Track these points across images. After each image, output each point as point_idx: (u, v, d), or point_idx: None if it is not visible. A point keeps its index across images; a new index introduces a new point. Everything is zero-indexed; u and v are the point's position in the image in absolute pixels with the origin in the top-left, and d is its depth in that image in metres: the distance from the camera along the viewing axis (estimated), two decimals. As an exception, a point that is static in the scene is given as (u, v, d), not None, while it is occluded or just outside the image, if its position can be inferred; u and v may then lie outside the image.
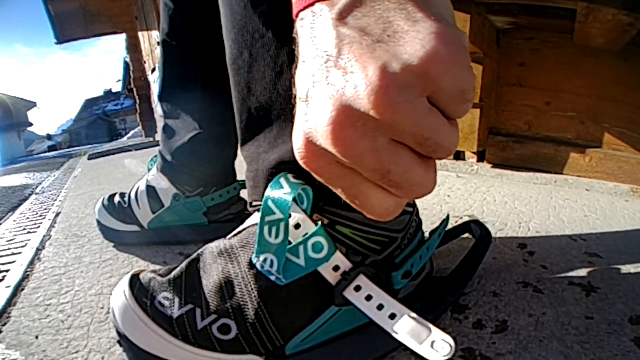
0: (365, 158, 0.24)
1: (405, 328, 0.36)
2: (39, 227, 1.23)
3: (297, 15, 0.27)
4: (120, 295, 0.44)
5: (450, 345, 0.35)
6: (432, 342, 0.35)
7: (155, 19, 3.51)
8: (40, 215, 1.40)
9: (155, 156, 0.95)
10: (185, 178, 0.89)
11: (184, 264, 0.47)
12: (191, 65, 0.85)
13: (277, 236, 0.39)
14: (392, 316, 0.37)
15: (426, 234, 0.53)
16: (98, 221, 0.92)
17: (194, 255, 0.48)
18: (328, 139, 0.24)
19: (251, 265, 0.43)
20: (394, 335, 0.36)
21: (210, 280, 0.44)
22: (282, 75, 0.44)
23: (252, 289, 0.42)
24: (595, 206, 0.87)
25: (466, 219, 0.86)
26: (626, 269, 0.58)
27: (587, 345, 0.43)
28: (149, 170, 0.94)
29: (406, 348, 0.42)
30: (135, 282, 0.45)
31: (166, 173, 0.89)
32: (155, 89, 3.28)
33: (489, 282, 0.59)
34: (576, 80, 1.04)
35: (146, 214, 0.88)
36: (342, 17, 0.24)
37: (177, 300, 0.43)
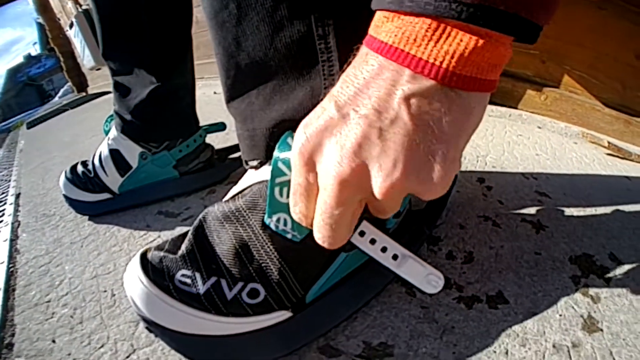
0: (296, 173, 0.35)
1: (407, 267, 0.44)
2: (3, 215, 1.16)
3: (372, 44, 0.31)
4: (136, 283, 0.44)
5: (441, 279, 0.44)
6: (428, 278, 0.44)
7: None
8: (0, 202, 1.30)
9: (110, 117, 0.92)
10: (150, 135, 0.88)
11: (190, 235, 0.47)
12: (133, 15, 0.80)
13: (288, 195, 0.40)
14: (395, 257, 0.44)
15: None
16: (66, 196, 0.90)
17: (196, 224, 0.48)
18: (299, 140, 0.34)
19: (264, 226, 0.45)
20: (398, 273, 0.44)
21: (224, 247, 0.46)
22: (281, 31, 0.43)
23: (270, 249, 0.44)
24: (547, 145, 0.98)
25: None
26: (570, 211, 0.70)
27: (536, 278, 0.54)
28: (106, 132, 0.92)
29: (398, 281, 0.51)
30: (146, 264, 0.45)
31: (128, 133, 0.87)
32: (77, 43, 3.09)
33: (455, 215, 0.69)
34: (545, 19, 1.11)
35: (115, 179, 0.88)
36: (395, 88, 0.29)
37: (198, 275, 0.44)
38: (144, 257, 0.46)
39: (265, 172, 0.47)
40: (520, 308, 0.49)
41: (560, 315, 0.48)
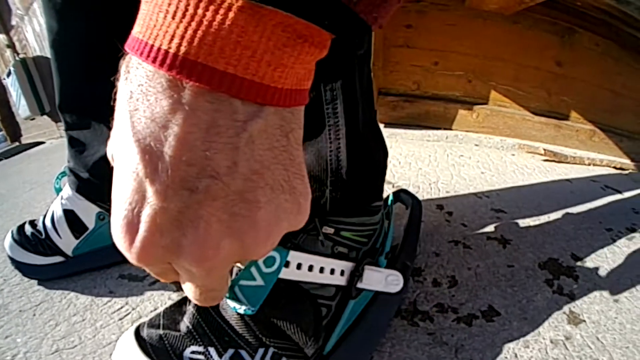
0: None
1: (365, 279, 0.54)
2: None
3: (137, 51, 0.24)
4: None
5: (399, 276, 0.58)
6: (388, 279, 0.57)
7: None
8: None
9: (62, 173, 0.93)
10: (109, 193, 0.83)
11: (191, 308, 0.49)
12: (97, 66, 0.77)
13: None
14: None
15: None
16: (12, 259, 0.86)
17: None
18: None
19: None
20: (362, 287, 0.54)
21: (232, 315, 0.47)
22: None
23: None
24: (488, 162, 1.14)
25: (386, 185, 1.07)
26: (526, 222, 0.83)
27: (516, 288, 0.66)
28: (57, 191, 0.92)
29: (397, 315, 0.61)
30: (144, 345, 0.45)
31: (84, 192, 0.86)
32: (13, 92, 3.18)
33: (428, 244, 0.80)
34: (464, 41, 1.28)
35: (69, 242, 0.86)
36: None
37: (212, 350, 0.45)
38: (139, 337, 0.46)
39: None
40: (512, 316, 0.60)
41: (547, 315, 0.59)
